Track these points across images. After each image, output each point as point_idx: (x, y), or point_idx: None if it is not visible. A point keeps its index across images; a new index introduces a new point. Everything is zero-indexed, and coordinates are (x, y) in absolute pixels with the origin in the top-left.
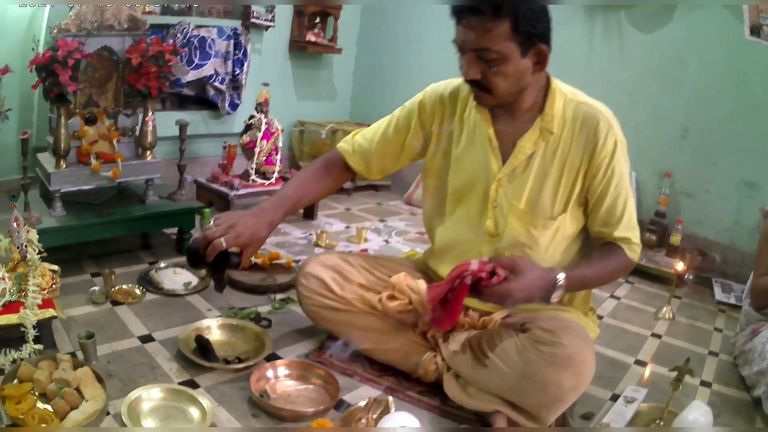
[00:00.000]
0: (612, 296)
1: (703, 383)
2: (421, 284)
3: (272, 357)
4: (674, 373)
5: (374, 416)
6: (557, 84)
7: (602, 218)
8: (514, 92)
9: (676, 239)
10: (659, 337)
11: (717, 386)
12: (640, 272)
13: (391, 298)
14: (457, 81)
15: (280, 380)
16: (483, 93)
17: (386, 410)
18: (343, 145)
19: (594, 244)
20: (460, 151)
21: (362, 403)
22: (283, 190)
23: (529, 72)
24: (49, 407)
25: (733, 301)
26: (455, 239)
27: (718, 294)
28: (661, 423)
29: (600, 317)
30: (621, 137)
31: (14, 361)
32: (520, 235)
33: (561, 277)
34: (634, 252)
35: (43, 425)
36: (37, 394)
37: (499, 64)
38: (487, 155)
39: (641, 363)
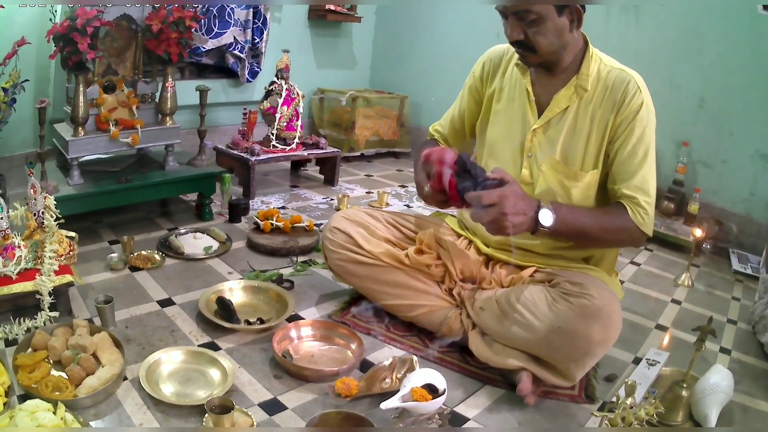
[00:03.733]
0: (632, 262)
1: (723, 350)
2: (450, 239)
3: (294, 318)
4: (696, 337)
5: (399, 375)
6: (594, 50)
7: (614, 173)
8: (555, 50)
9: (694, 208)
10: (679, 303)
11: (736, 354)
12: (659, 240)
13: (419, 252)
14: (503, 45)
15: (303, 340)
16: (527, 52)
17: (410, 369)
18: (431, 130)
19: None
20: (500, 106)
21: (386, 362)
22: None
23: (566, 30)
24: (64, 375)
25: (749, 271)
26: None
27: (735, 264)
28: (684, 385)
29: (621, 281)
30: (649, 103)
31: (28, 329)
32: (553, 184)
33: (545, 201)
34: (638, 216)
35: (57, 393)
36: (51, 361)
37: (538, 24)
38: (524, 108)
39: (662, 327)
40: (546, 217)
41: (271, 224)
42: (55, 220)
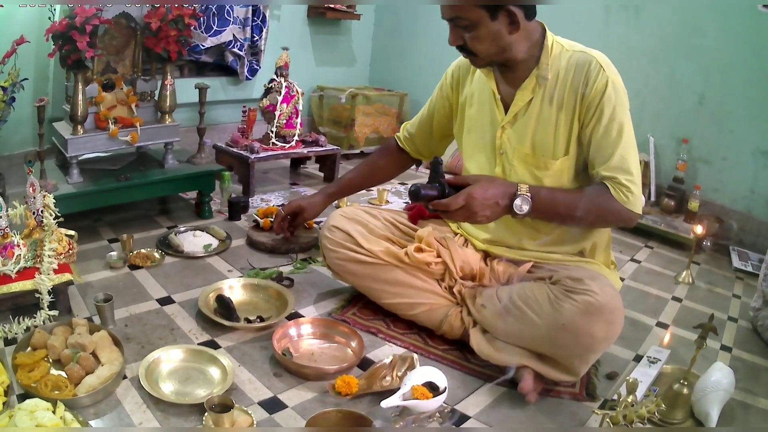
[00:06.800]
0: (632, 260)
1: (724, 347)
2: (449, 238)
3: (294, 316)
4: (696, 334)
5: (399, 373)
6: (553, 37)
7: (592, 158)
8: (495, 52)
9: (694, 205)
10: (680, 300)
11: (737, 351)
12: (660, 237)
13: (419, 250)
14: None
15: (303, 339)
16: (470, 56)
17: (411, 367)
18: (400, 131)
19: None
20: (473, 110)
21: (387, 360)
22: (346, 173)
23: (503, 33)
24: (63, 373)
25: (750, 269)
26: None
27: (736, 261)
28: (685, 383)
29: (621, 279)
30: (616, 81)
31: (28, 328)
32: (525, 177)
33: (523, 186)
34: (621, 195)
35: (56, 392)
36: (51, 360)
37: (471, 30)
38: (492, 107)
39: (663, 325)
40: (521, 205)
41: (271, 222)
42: (54, 219)
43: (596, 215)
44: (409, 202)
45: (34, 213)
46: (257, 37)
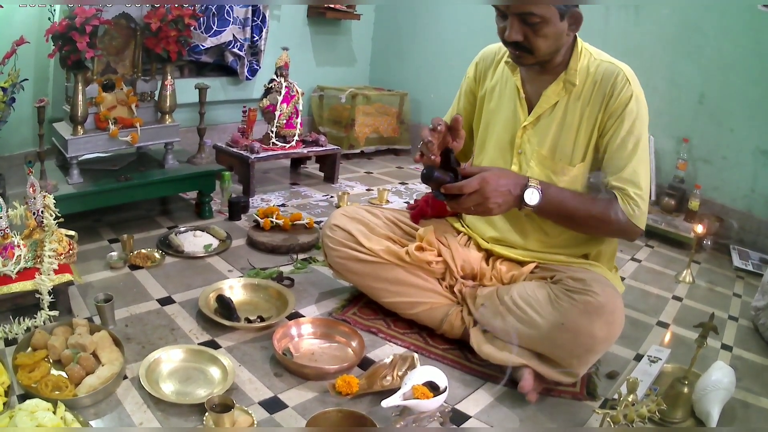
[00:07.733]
0: (633, 259)
1: (724, 347)
2: (450, 237)
3: (295, 316)
4: (697, 333)
5: (399, 373)
6: (583, 44)
7: (605, 167)
8: (552, 52)
9: (694, 204)
10: (680, 299)
11: (738, 350)
12: (660, 236)
13: (420, 249)
14: (495, 45)
15: (304, 338)
16: (524, 53)
17: (411, 366)
18: None
19: None
20: (493, 104)
21: (387, 360)
22: None
23: (565, 33)
24: (63, 374)
25: (750, 268)
26: None
27: (736, 260)
28: (686, 382)
29: (622, 278)
30: (639, 95)
31: (28, 329)
32: (541, 179)
33: (534, 180)
34: (628, 207)
35: (57, 392)
36: (51, 361)
37: (541, 27)
38: (515, 105)
39: (663, 324)
40: (531, 196)
41: (271, 222)
42: (54, 219)
43: (600, 221)
44: (411, 202)
45: (34, 213)
46: (257, 37)
